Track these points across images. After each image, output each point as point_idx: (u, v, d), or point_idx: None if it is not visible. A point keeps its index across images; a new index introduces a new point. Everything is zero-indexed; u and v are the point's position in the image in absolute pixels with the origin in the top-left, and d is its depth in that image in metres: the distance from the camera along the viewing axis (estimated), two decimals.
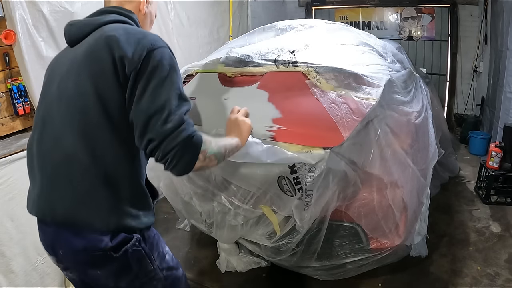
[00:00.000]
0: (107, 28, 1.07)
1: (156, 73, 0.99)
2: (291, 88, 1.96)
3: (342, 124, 1.73)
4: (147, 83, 0.98)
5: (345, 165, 1.82)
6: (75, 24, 1.17)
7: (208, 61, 2.30)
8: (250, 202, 1.97)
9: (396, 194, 2.00)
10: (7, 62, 2.07)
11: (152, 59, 1.00)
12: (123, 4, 1.21)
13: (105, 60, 1.00)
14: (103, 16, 1.14)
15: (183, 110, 1.03)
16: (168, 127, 0.97)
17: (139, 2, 1.24)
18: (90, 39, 1.07)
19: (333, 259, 2.11)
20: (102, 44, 1.02)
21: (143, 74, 0.99)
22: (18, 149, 1.91)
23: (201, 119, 2.09)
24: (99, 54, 1.01)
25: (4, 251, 1.84)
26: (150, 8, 1.30)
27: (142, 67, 0.99)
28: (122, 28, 1.07)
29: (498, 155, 3.12)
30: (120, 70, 0.99)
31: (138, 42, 1.02)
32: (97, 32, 1.08)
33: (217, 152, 1.12)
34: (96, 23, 1.11)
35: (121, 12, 1.17)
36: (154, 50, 1.01)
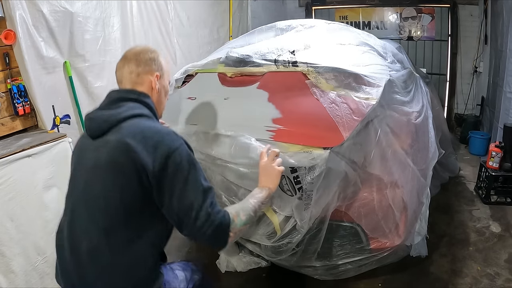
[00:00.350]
0: (126, 131, 1.12)
1: (178, 177, 1.09)
2: (291, 88, 1.96)
3: (342, 124, 1.73)
4: (172, 188, 1.09)
5: (345, 165, 1.82)
6: (94, 119, 1.21)
7: (208, 61, 2.30)
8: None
9: (396, 194, 2.00)
10: (7, 62, 2.07)
11: (171, 164, 1.09)
12: (137, 86, 1.26)
13: (128, 173, 1.09)
14: (120, 107, 1.18)
15: (208, 203, 1.12)
16: (198, 224, 1.09)
17: (150, 81, 1.27)
18: (111, 142, 1.13)
19: (333, 259, 2.10)
20: (124, 157, 1.09)
21: (166, 181, 1.09)
22: (18, 149, 1.91)
23: (201, 119, 2.09)
24: (122, 167, 1.09)
25: (4, 251, 1.84)
26: (163, 82, 1.33)
27: (164, 176, 1.09)
28: (140, 130, 1.12)
29: (498, 155, 3.12)
30: (144, 179, 1.09)
31: (155, 148, 1.09)
32: (117, 132, 1.13)
33: (246, 220, 1.22)
34: (114, 120, 1.15)
35: (137, 99, 1.22)
36: (172, 154, 1.09)
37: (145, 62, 1.27)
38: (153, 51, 1.32)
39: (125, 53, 1.31)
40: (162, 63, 1.32)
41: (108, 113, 1.18)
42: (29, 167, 1.94)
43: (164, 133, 1.14)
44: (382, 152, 1.93)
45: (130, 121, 1.15)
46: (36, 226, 1.98)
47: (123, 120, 1.14)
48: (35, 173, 1.97)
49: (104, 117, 1.17)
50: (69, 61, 2.41)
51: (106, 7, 2.65)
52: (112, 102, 1.21)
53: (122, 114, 1.15)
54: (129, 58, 1.28)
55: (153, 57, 1.30)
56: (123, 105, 1.19)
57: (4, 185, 1.83)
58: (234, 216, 1.18)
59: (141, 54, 1.28)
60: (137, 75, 1.26)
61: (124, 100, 1.21)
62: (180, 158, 1.10)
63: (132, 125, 1.14)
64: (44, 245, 2.01)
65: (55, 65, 2.34)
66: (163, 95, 1.35)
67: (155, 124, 1.19)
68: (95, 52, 2.60)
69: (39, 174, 1.99)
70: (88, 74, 2.57)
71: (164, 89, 1.36)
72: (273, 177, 1.43)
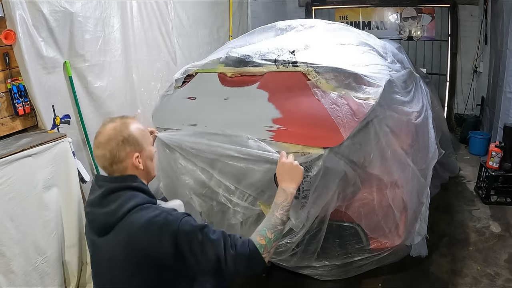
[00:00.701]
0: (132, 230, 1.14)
1: (193, 246, 1.13)
2: (291, 88, 1.96)
3: (343, 125, 1.73)
4: (194, 258, 1.13)
5: (344, 165, 1.82)
6: (95, 220, 1.21)
7: (208, 61, 2.30)
8: (248, 200, 1.97)
9: (396, 194, 2.00)
10: (7, 62, 2.07)
11: (181, 243, 1.12)
12: (125, 171, 1.23)
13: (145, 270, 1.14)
14: (116, 201, 1.17)
15: (228, 248, 1.16)
16: (231, 269, 1.14)
17: (132, 163, 1.23)
18: (121, 242, 1.15)
19: (333, 259, 2.11)
20: (137, 257, 1.13)
21: (187, 257, 1.13)
22: (18, 149, 1.91)
23: (201, 119, 2.09)
24: (139, 267, 1.14)
25: (4, 251, 1.84)
26: (145, 154, 1.28)
27: (182, 256, 1.13)
28: (143, 221, 1.13)
29: (498, 155, 3.12)
30: (164, 268, 1.15)
31: (160, 235, 1.11)
32: (121, 232, 1.15)
33: (276, 237, 1.24)
34: (114, 220, 1.16)
35: (128, 187, 1.20)
36: (177, 236, 1.12)
37: (118, 149, 1.20)
38: (122, 129, 1.23)
39: (96, 140, 1.23)
40: (135, 135, 1.25)
41: (106, 211, 1.17)
42: (29, 167, 1.94)
43: (164, 214, 1.14)
44: (382, 152, 1.93)
45: (129, 216, 1.15)
46: (36, 226, 1.97)
47: (122, 218, 1.15)
48: (35, 173, 1.97)
49: (104, 219, 1.17)
50: (69, 61, 2.41)
51: (106, 7, 2.65)
52: (105, 195, 1.19)
53: (120, 212, 1.15)
54: (101, 148, 1.21)
55: (124, 138, 1.22)
56: (117, 198, 1.17)
57: (4, 185, 1.82)
58: (259, 239, 1.20)
59: (111, 142, 1.20)
60: (118, 166, 1.22)
61: (116, 191, 1.19)
62: (187, 235, 1.13)
63: (133, 222, 1.14)
64: (44, 245, 2.01)
65: (55, 65, 2.34)
66: (149, 164, 1.31)
67: (152, 213, 1.15)
68: (95, 52, 2.59)
69: (39, 174, 1.99)
70: (88, 74, 2.56)
71: (149, 158, 1.31)
72: (298, 176, 1.40)
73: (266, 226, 1.25)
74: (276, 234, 1.24)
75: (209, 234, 1.15)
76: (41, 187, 1.99)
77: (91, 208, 1.23)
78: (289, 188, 1.35)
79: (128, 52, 2.91)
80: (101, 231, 1.19)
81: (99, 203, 1.20)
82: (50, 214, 2.02)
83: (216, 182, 2.01)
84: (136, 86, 3.05)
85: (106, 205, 1.18)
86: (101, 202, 1.19)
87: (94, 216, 1.22)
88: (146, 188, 1.25)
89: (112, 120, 1.27)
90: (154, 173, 1.36)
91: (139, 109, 3.10)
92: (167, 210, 1.17)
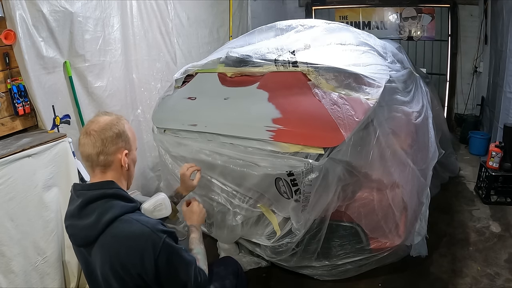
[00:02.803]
0: (111, 246, 1.13)
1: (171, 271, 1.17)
2: (291, 88, 1.96)
3: (343, 125, 1.73)
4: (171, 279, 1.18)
5: (344, 166, 1.82)
6: (76, 235, 1.20)
7: (208, 61, 2.30)
8: (249, 202, 1.97)
9: (396, 194, 2.00)
10: (7, 62, 2.07)
11: (163, 263, 1.14)
12: (106, 172, 1.22)
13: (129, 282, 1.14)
14: (94, 212, 1.15)
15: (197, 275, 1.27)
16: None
17: (119, 160, 1.22)
18: (103, 257, 1.14)
19: (333, 259, 2.11)
20: (121, 273, 1.13)
21: (164, 276, 1.16)
22: (18, 149, 1.91)
23: (201, 119, 2.09)
24: (122, 278, 1.14)
25: (4, 251, 1.84)
26: (131, 155, 1.28)
27: (161, 273, 1.15)
28: (123, 238, 1.12)
29: (498, 155, 3.12)
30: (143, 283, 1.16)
31: (142, 255, 1.11)
32: (105, 246, 1.14)
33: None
34: (95, 233, 1.14)
35: (105, 195, 1.17)
36: (159, 254, 1.12)
37: (111, 140, 1.19)
38: (118, 122, 1.23)
39: (87, 127, 1.20)
40: (128, 134, 1.25)
41: (85, 224, 1.15)
42: (29, 167, 1.94)
43: (147, 233, 1.13)
44: (381, 152, 1.93)
45: (109, 231, 1.13)
46: (36, 226, 1.97)
47: (102, 231, 1.13)
48: (35, 173, 1.97)
49: (84, 232, 1.16)
50: (69, 61, 2.41)
51: (106, 7, 2.65)
52: (83, 206, 1.17)
53: (99, 225, 1.13)
54: (93, 135, 1.18)
55: (119, 132, 1.22)
56: (95, 210, 1.15)
57: (4, 185, 1.82)
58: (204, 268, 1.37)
59: (106, 132, 1.19)
60: (105, 157, 1.19)
61: (93, 201, 1.16)
62: (167, 255, 1.15)
63: (113, 237, 1.13)
64: (44, 245, 2.01)
65: (55, 65, 2.34)
66: (132, 168, 1.31)
67: (132, 228, 1.14)
68: (95, 52, 2.59)
69: (39, 174, 1.99)
70: (88, 74, 2.56)
71: (133, 162, 1.31)
72: (195, 218, 1.61)
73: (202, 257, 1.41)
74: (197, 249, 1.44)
75: (186, 256, 1.23)
76: (41, 187, 1.99)
77: (71, 220, 1.20)
78: (192, 226, 1.56)
79: (128, 52, 2.91)
80: (83, 244, 1.19)
81: (77, 215, 1.17)
82: (50, 214, 2.02)
83: (216, 184, 2.01)
84: (136, 86, 3.05)
85: (85, 216, 1.16)
86: (79, 214, 1.17)
87: (74, 230, 1.19)
88: (123, 194, 1.21)
89: (108, 114, 1.27)
90: (132, 179, 1.35)
91: (139, 109, 3.10)
92: (150, 225, 1.15)
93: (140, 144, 3.14)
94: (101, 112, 1.28)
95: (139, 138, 3.12)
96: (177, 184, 2.23)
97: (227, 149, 1.90)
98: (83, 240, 1.18)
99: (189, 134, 2.10)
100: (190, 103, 2.22)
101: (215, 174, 2.00)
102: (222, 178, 1.97)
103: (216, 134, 2.00)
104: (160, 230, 1.15)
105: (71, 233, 1.22)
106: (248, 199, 1.97)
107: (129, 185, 1.34)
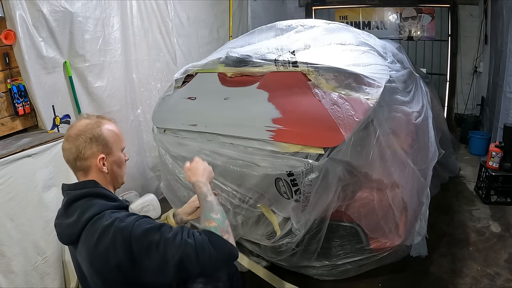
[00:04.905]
0: (90, 243, 1.12)
1: (150, 250, 1.07)
2: (291, 88, 1.96)
3: (343, 125, 1.73)
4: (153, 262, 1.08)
5: (344, 166, 1.82)
6: (62, 234, 1.22)
7: (208, 61, 2.30)
8: (249, 202, 1.97)
9: (396, 194, 2.00)
10: (7, 62, 2.07)
11: (136, 249, 1.07)
12: (88, 175, 1.22)
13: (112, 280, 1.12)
14: (75, 212, 1.16)
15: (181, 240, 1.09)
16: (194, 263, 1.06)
17: (95, 164, 1.21)
18: (85, 255, 1.14)
19: (333, 259, 2.11)
20: (102, 271, 1.11)
21: (143, 261, 1.08)
22: (18, 149, 1.91)
23: (201, 119, 2.09)
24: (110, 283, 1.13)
25: (4, 251, 1.84)
26: (112, 159, 1.26)
27: (137, 261, 1.08)
28: (98, 233, 1.10)
29: (498, 155, 3.12)
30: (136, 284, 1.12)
31: (114, 245, 1.07)
32: (84, 244, 1.14)
33: (222, 215, 1.21)
34: (76, 232, 1.15)
35: (87, 194, 1.18)
36: (131, 242, 1.07)
37: (84, 146, 1.19)
38: (94, 127, 1.22)
39: (67, 132, 1.23)
40: (106, 137, 1.23)
41: (68, 222, 1.17)
42: (29, 167, 1.94)
43: (113, 231, 1.09)
44: (381, 152, 1.93)
45: (88, 229, 1.13)
46: (36, 226, 1.97)
47: (82, 229, 1.13)
48: (35, 173, 1.97)
49: (68, 230, 1.18)
50: (69, 61, 2.41)
51: (106, 7, 2.65)
52: (67, 206, 1.20)
53: (79, 223, 1.14)
54: (69, 141, 1.20)
55: (93, 136, 1.20)
56: (77, 208, 1.17)
57: (4, 185, 1.83)
58: (208, 223, 1.16)
59: (79, 137, 1.19)
60: (81, 163, 1.20)
61: (76, 201, 1.18)
62: (140, 239, 1.08)
63: (90, 234, 1.12)
64: (44, 245, 2.01)
65: (55, 65, 2.34)
66: (116, 170, 1.28)
67: (105, 222, 1.11)
68: (95, 52, 2.59)
69: (39, 174, 1.99)
70: (88, 74, 2.57)
71: (116, 164, 1.28)
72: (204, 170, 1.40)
73: (206, 211, 1.21)
74: (221, 213, 1.21)
75: (165, 233, 1.09)
76: (41, 187, 1.99)
77: (59, 219, 1.23)
78: (197, 181, 1.34)
79: (128, 52, 2.92)
80: (68, 242, 1.21)
81: (64, 214, 1.20)
82: (50, 214, 2.02)
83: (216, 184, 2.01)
84: (136, 86, 3.05)
85: (69, 215, 1.18)
86: (65, 213, 1.20)
87: (61, 229, 1.22)
88: (105, 192, 1.21)
89: (88, 117, 1.26)
90: (123, 180, 1.33)
91: (139, 109, 3.10)
92: (121, 216, 1.12)
93: (140, 144, 3.14)
94: (83, 115, 1.28)
95: (139, 138, 3.12)
96: (177, 184, 2.23)
97: (227, 149, 1.90)
98: (67, 238, 1.20)
99: (189, 134, 2.10)
100: (190, 103, 2.22)
101: (215, 174, 2.00)
102: (222, 178, 1.97)
103: (216, 134, 2.00)
104: (130, 218, 1.13)
105: (57, 231, 1.24)
106: (248, 199, 1.97)
107: (117, 186, 1.32)
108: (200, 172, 1.38)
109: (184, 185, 2.18)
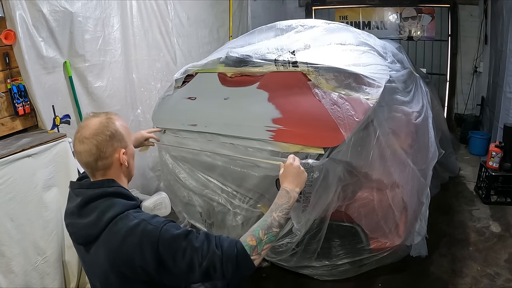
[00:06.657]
0: (112, 244, 1.11)
1: (177, 256, 1.08)
2: (291, 88, 1.96)
3: (343, 125, 1.73)
4: (177, 267, 1.09)
5: (344, 166, 1.82)
6: (76, 233, 1.20)
7: (208, 61, 2.30)
8: (249, 202, 1.97)
9: (396, 194, 2.00)
10: (7, 62, 2.07)
11: (163, 253, 1.08)
12: (107, 173, 1.20)
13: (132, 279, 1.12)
14: (94, 212, 1.14)
15: (208, 250, 1.10)
16: (219, 273, 1.09)
17: (117, 159, 1.20)
18: (105, 255, 1.12)
19: (333, 259, 2.11)
20: (123, 270, 1.11)
21: (169, 266, 1.09)
22: (18, 149, 1.91)
23: (201, 119, 2.09)
24: (129, 282, 1.12)
25: (4, 251, 1.84)
26: (129, 151, 1.26)
27: (163, 265, 1.09)
28: (123, 233, 1.10)
29: (498, 155, 3.12)
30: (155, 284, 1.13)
31: (141, 247, 1.07)
32: (104, 245, 1.13)
33: (269, 238, 1.17)
34: (95, 232, 1.13)
35: (105, 194, 1.16)
36: (158, 246, 1.07)
37: (105, 144, 1.17)
38: (108, 123, 1.20)
39: (79, 134, 1.17)
40: (121, 132, 1.22)
41: (86, 222, 1.15)
42: (29, 167, 1.94)
43: (141, 233, 1.09)
44: (381, 153, 1.93)
45: (110, 228, 1.12)
46: (36, 226, 1.97)
47: (103, 229, 1.12)
48: (35, 173, 1.97)
49: (85, 230, 1.15)
50: (69, 61, 2.41)
51: (106, 7, 2.65)
52: (83, 205, 1.17)
53: (100, 223, 1.12)
54: (86, 143, 1.15)
55: (112, 132, 1.19)
56: (95, 208, 1.15)
57: (4, 185, 1.82)
58: (250, 240, 1.15)
59: (98, 136, 1.16)
60: (104, 162, 1.18)
61: (93, 200, 1.16)
62: (168, 245, 1.08)
63: (113, 235, 1.11)
64: (44, 245, 2.01)
65: (55, 65, 2.34)
66: (131, 162, 1.29)
67: (130, 222, 1.11)
68: (95, 52, 2.59)
69: (39, 174, 1.99)
70: (88, 74, 2.56)
71: (132, 156, 1.30)
72: (303, 181, 1.38)
73: (261, 225, 1.19)
74: (269, 236, 1.18)
75: (193, 241, 1.10)
76: (41, 187, 1.99)
77: (71, 219, 1.20)
78: (293, 191, 1.31)
79: (128, 52, 2.91)
80: (85, 242, 1.18)
81: (78, 213, 1.17)
82: (50, 214, 2.02)
83: (216, 184, 2.01)
84: (136, 86, 3.05)
85: (85, 215, 1.15)
86: (80, 212, 1.17)
87: (75, 229, 1.19)
88: (124, 191, 1.21)
89: (97, 115, 1.23)
90: (134, 172, 1.34)
91: (139, 109, 3.10)
92: (147, 218, 1.12)
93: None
94: (89, 114, 1.25)
95: None
96: (177, 184, 2.24)
97: (227, 149, 1.90)
98: (84, 238, 1.18)
99: (189, 134, 2.10)
100: (190, 103, 2.22)
101: (215, 174, 2.00)
102: (222, 179, 1.97)
103: (216, 134, 2.00)
104: (156, 221, 1.13)
105: (71, 231, 1.22)
106: (248, 200, 1.97)
107: (129, 180, 1.33)
108: (301, 184, 1.36)
109: (184, 185, 2.19)
